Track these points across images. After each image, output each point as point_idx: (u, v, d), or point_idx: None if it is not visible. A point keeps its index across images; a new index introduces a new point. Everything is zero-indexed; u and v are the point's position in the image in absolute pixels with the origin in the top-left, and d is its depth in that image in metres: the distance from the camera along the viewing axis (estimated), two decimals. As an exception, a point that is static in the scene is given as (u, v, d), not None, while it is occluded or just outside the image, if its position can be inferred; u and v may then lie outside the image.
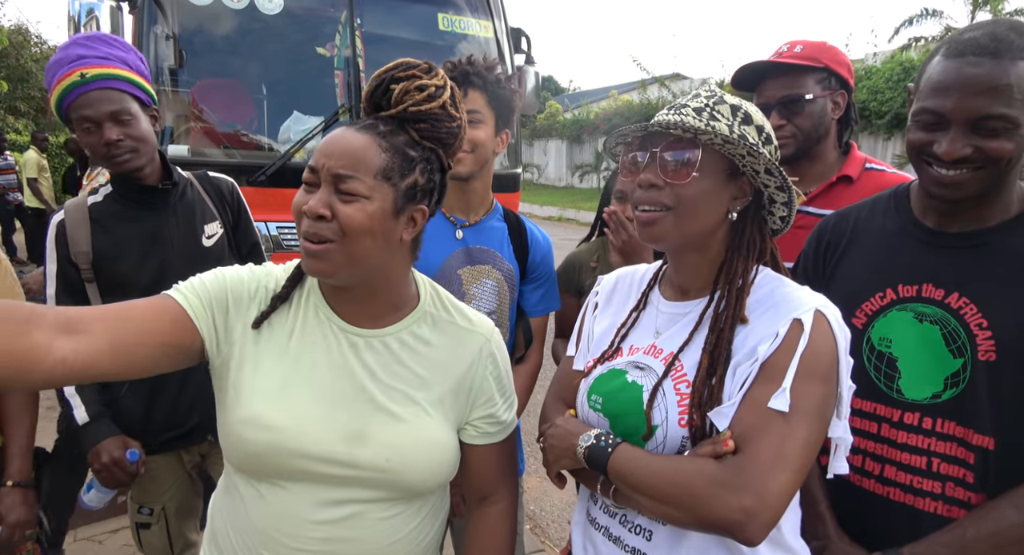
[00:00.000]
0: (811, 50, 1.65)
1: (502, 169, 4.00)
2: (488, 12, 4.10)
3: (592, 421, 1.08)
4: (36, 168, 8.39)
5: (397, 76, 0.99)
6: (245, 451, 0.98)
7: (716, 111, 1.01)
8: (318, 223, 0.94)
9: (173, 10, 3.26)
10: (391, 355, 1.05)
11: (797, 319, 0.93)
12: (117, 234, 1.68)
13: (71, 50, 1.59)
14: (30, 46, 14.24)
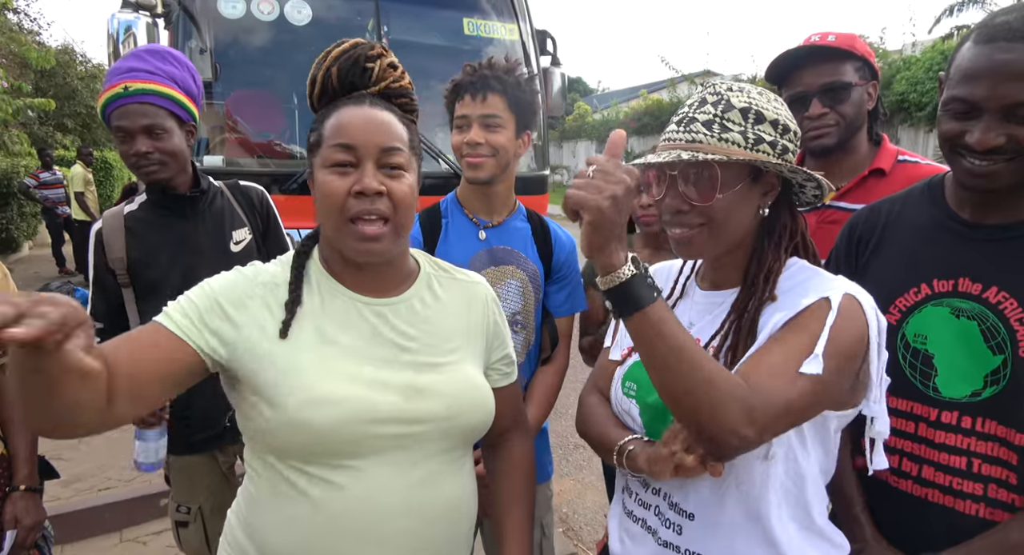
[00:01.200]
0: (844, 40, 1.60)
1: (529, 171, 4.00)
2: (513, 15, 4.11)
3: (625, 407, 1.10)
4: (83, 182, 8.71)
5: (369, 54, 1.02)
6: (314, 433, 0.93)
7: (726, 120, 0.98)
8: (376, 200, 0.94)
9: (207, 24, 3.36)
10: (416, 316, 1.07)
11: (824, 297, 0.91)
12: (149, 241, 1.75)
13: (127, 62, 1.70)
14: (76, 65, 14.80)
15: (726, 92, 1.00)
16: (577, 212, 0.86)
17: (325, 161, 0.97)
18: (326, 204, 0.97)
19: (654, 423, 1.05)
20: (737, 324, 1.00)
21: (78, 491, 3.21)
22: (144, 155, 1.68)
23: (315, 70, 1.04)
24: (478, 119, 1.54)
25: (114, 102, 1.67)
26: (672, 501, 1.04)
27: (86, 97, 14.59)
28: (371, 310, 1.04)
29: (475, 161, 1.55)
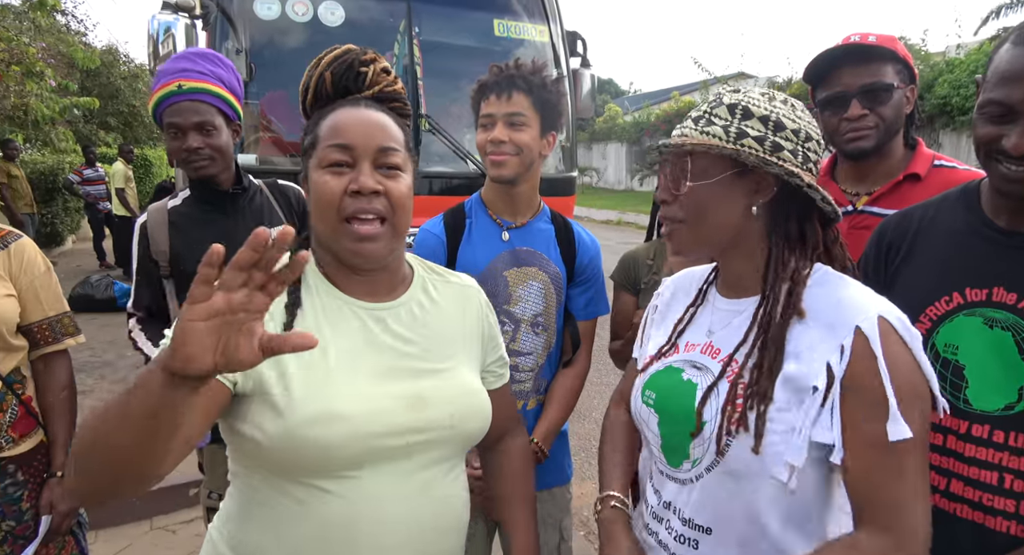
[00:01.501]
0: (885, 41, 1.56)
1: (557, 173, 4.00)
2: (544, 16, 4.11)
3: (643, 416, 1.09)
4: (123, 178, 8.96)
5: (363, 59, 1.03)
6: (317, 450, 0.90)
7: (713, 115, 0.99)
8: (373, 200, 0.93)
9: (243, 26, 3.43)
10: (415, 320, 1.06)
11: (859, 328, 0.89)
12: (190, 235, 1.80)
13: (179, 62, 1.77)
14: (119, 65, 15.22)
15: (727, 93, 1.02)
16: None
17: (321, 161, 0.96)
18: (322, 203, 0.95)
19: (672, 435, 1.03)
20: (763, 341, 0.96)
21: (111, 478, 3.31)
22: (195, 150, 1.74)
23: (308, 76, 1.04)
24: (503, 118, 1.55)
25: (167, 100, 1.74)
26: (685, 516, 1.02)
27: (128, 96, 15.00)
28: (371, 315, 1.02)
29: (499, 159, 1.56)
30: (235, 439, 0.97)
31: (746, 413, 0.93)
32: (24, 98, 7.49)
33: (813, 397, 0.90)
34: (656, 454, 1.07)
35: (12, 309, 1.60)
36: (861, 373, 0.88)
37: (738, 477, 0.95)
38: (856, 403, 0.89)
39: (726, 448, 0.94)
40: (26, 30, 8.38)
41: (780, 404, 0.92)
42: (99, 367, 5.11)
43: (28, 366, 1.70)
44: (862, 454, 0.88)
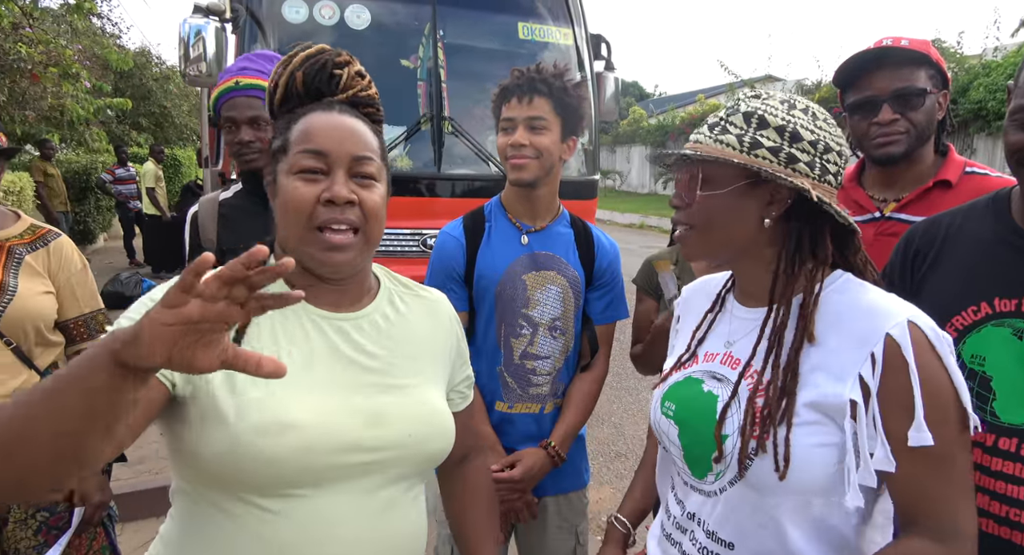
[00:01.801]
0: (918, 45, 1.53)
1: (579, 176, 3.99)
2: (568, 20, 4.11)
3: (663, 427, 1.07)
4: (154, 178, 9.16)
5: (337, 61, 0.99)
6: (263, 462, 0.83)
7: (729, 123, 0.98)
8: (347, 210, 0.90)
9: (271, 29, 3.49)
10: (379, 332, 1.00)
11: (890, 335, 0.87)
12: (238, 227, 1.84)
13: (239, 62, 1.86)
14: (151, 67, 15.56)
15: (746, 99, 0.99)
16: None
17: (292, 167, 0.92)
18: (292, 211, 0.91)
19: (693, 445, 1.02)
20: (776, 359, 0.94)
21: (138, 473, 3.37)
22: (247, 143, 1.79)
23: (276, 74, 1.00)
24: (523, 121, 1.55)
25: (226, 95, 1.81)
26: (709, 529, 1.01)
27: (159, 97, 15.33)
28: (331, 325, 0.96)
29: (519, 162, 1.56)
30: (174, 447, 0.90)
31: (765, 434, 0.91)
32: (60, 99, 7.70)
33: (856, 411, 0.88)
34: (680, 465, 1.06)
35: (51, 306, 1.65)
36: (894, 382, 0.87)
37: (763, 492, 0.93)
38: (892, 412, 0.87)
39: (749, 462, 0.93)
40: (63, 33, 8.61)
41: (806, 419, 0.90)
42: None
43: (65, 361, 1.74)
44: (908, 463, 0.86)
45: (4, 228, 1.65)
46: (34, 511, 1.66)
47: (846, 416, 0.88)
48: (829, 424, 0.89)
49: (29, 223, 1.70)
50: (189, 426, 0.86)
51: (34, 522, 1.66)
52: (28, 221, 1.71)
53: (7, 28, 6.59)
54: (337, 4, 3.61)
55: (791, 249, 0.98)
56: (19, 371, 1.60)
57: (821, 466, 0.89)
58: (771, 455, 0.89)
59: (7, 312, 1.56)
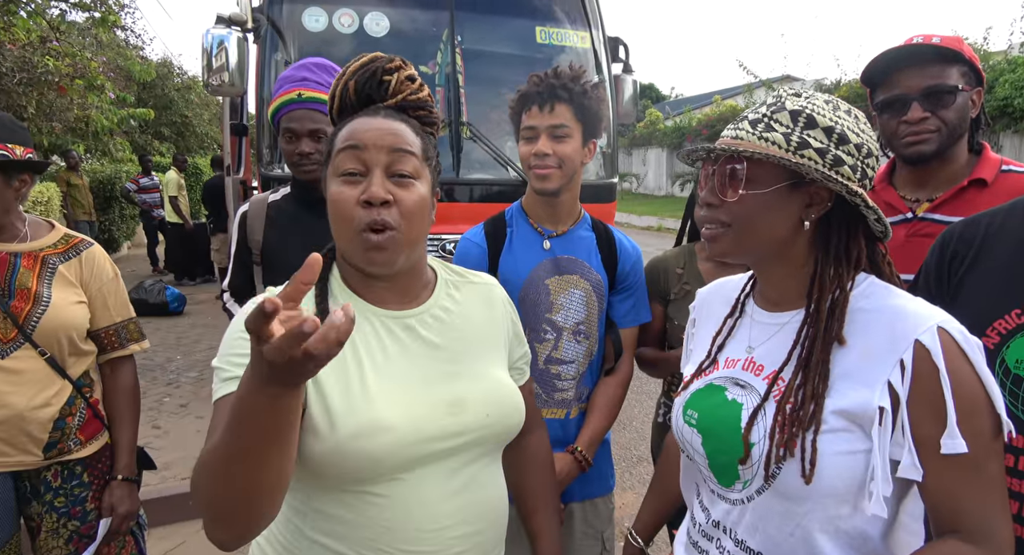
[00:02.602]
0: (950, 42, 1.50)
1: (597, 179, 3.97)
2: (586, 23, 4.10)
3: (686, 436, 1.06)
4: (176, 187, 9.29)
5: (387, 67, 1.02)
6: (363, 460, 0.91)
7: (774, 120, 0.94)
8: (384, 210, 0.93)
9: (292, 38, 3.53)
10: (442, 325, 1.06)
11: (919, 342, 0.85)
12: (283, 230, 1.88)
13: (300, 72, 1.86)
14: (173, 77, 15.84)
15: (789, 96, 0.97)
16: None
17: (336, 170, 0.97)
18: (336, 215, 0.96)
19: (719, 455, 1.00)
20: (808, 362, 0.93)
21: (164, 478, 3.41)
22: (307, 155, 1.82)
23: (334, 85, 1.05)
24: (546, 130, 1.54)
25: (287, 106, 1.83)
26: (738, 538, 0.99)
27: (181, 107, 15.60)
28: (398, 323, 1.02)
29: (544, 172, 1.55)
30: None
31: (792, 439, 0.89)
32: (86, 110, 7.86)
33: (883, 418, 0.87)
34: (705, 473, 1.04)
35: (83, 316, 1.67)
36: (925, 389, 0.85)
37: (791, 500, 0.91)
38: (923, 419, 0.85)
39: (777, 470, 0.91)
40: (88, 45, 8.80)
41: (834, 426, 0.89)
42: (151, 370, 5.29)
43: (96, 370, 1.76)
44: (941, 470, 0.85)
45: (38, 238, 1.67)
46: (66, 520, 1.68)
47: (875, 424, 0.86)
48: (856, 431, 0.88)
49: (63, 233, 1.73)
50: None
51: (66, 531, 1.68)
52: (62, 231, 1.73)
53: (35, 42, 6.75)
54: (356, 12, 3.64)
55: (829, 251, 0.96)
56: (53, 381, 1.62)
57: (848, 473, 0.87)
58: (798, 459, 0.88)
59: (41, 322, 1.58)
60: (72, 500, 1.68)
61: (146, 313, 6.83)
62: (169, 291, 7.27)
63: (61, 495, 1.67)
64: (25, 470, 1.63)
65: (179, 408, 4.53)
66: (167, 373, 5.29)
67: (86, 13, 8.01)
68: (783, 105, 0.96)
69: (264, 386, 0.68)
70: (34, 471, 1.65)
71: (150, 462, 1.88)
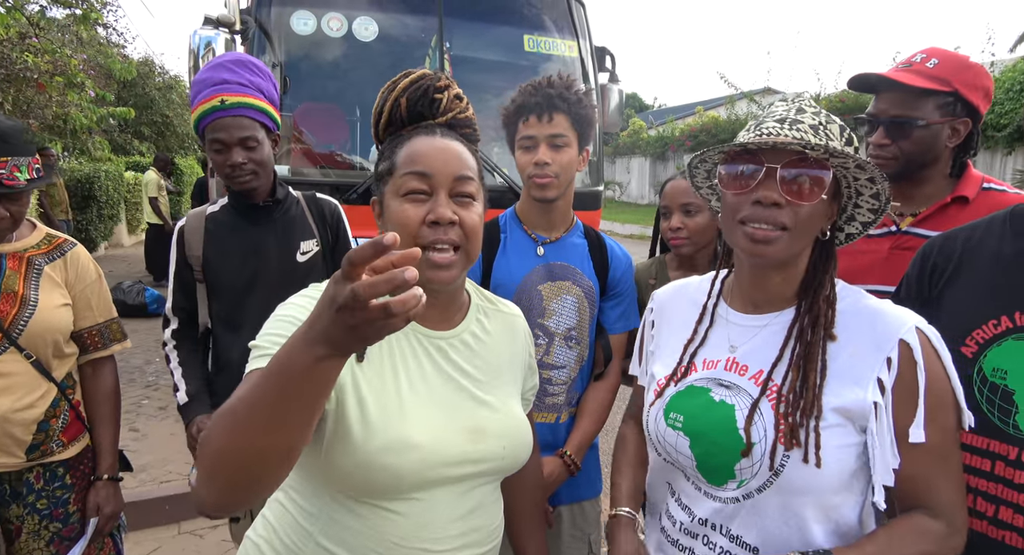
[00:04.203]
0: (944, 68, 1.51)
1: (583, 187, 4.01)
2: (573, 32, 4.14)
3: (670, 440, 1.07)
4: (156, 188, 9.16)
5: (438, 85, 1.04)
6: (389, 476, 0.92)
7: (829, 131, 0.98)
8: (449, 230, 0.96)
9: (280, 40, 3.52)
10: (470, 350, 1.08)
11: (903, 341, 0.94)
12: (223, 243, 1.83)
13: (218, 73, 1.75)
14: (154, 76, 15.63)
15: (820, 107, 1.01)
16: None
17: (399, 189, 0.98)
18: (401, 232, 0.96)
19: (711, 456, 1.02)
20: (804, 360, 0.97)
21: (142, 482, 3.36)
22: (239, 166, 1.75)
23: (382, 100, 1.05)
24: (545, 139, 1.56)
25: (211, 115, 1.73)
26: (732, 534, 1.02)
27: (162, 106, 15.39)
28: (432, 344, 1.04)
29: (544, 181, 1.57)
30: (310, 461, 0.97)
31: (796, 429, 0.93)
32: (65, 108, 7.73)
33: (879, 414, 0.94)
34: (692, 474, 1.06)
35: (68, 318, 1.65)
36: (906, 384, 0.94)
37: (793, 493, 0.95)
38: (903, 412, 0.94)
39: (781, 466, 0.95)
40: (68, 42, 8.65)
41: (831, 421, 0.95)
42: (129, 372, 5.21)
43: (77, 371, 1.74)
44: (914, 457, 0.94)
45: (22, 238, 1.65)
46: (48, 522, 1.66)
47: (871, 419, 0.93)
48: (848, 426, 0.95)
49: (45, 232, 1.70)
50: (323, 438, 0.94)
51: (47, 533, 1.66)
52: (44, 230, 1.70)
53: (14, 38, 6.63)
54: (345, 16, 3.64)
55: (820, 255, 1.04)
56: (38, 383, 1.60)
57: (844, 465, 0.94)
58: (803, 449, 0.93)
59: (29, 326, 1.56)
60: (54, 502, 1.66)
61: (125, 315, 6.65)
62: (148, 292, 7.16)
63: (43, 497, 1.65)
64: (6, 472, 1.61)
65: (157, 411, 4.47)
66: (146, 375, 5.22)
67: (67, 10, 7.89)
68: (831, 117, 1.00)
69: (313, 345, 0.66)
70: (15, 473, 1.63)
71: (127, 464, 1.86)
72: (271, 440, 0.71)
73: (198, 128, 1.80)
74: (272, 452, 0.72)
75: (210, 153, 1.78)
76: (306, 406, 0.70)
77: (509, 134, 1.65)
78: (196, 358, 1.87)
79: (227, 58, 1.80)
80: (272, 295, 1.13)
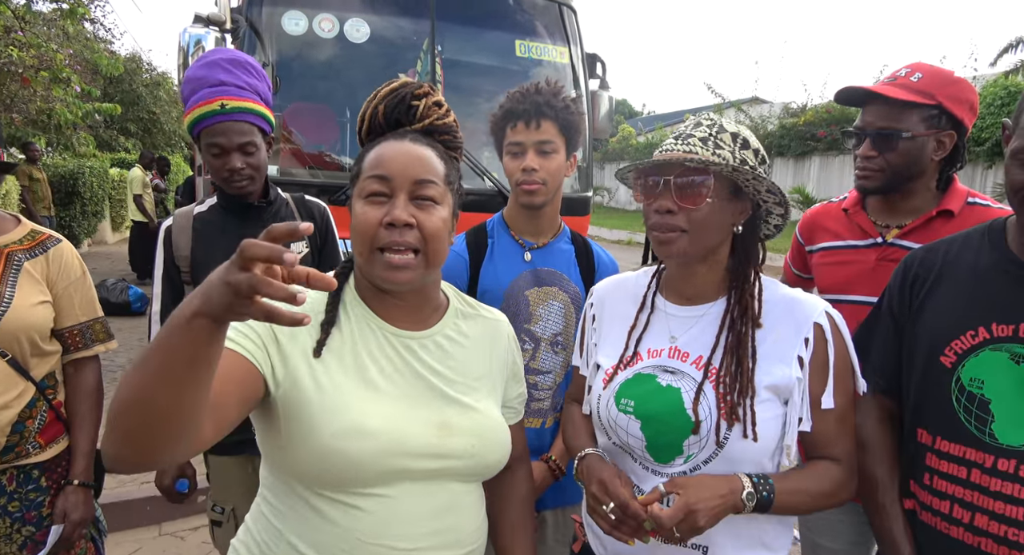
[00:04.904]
0: (929, 82, 1.54)
1: (572, 192, 4.03)
2: (564, 38, 4.17)
3: (621, 423, 1.15)
4: (141, 185, 9.08)
5: (416, 93, 1.06)
6: (344, 462, 0.94)
7: (719, 140, 1.10)
8: (405, 232, 0.97)
9: (271, 40, 3.50)
10: (443, 351, 1.10)
11: (817, 323, 1.11)
12: (211, 243, 1.80)
13: (215, 73, 1.72)
14: (142, 73, 15.50)
15: (719, 120, 1.15)
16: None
17: (361, 191, 1.01)
18: (358, 233, 0.99)
19: (659, 435, 1.12)
20: (737, 347, 1.11)
21: (122, 482, 3.32)
22: (238, 171, 1.73)
23: (364, 108, 1.08)
24: (533, 145, 1.57)
25: (210, 118, 1.71)
26: None
27: (149, 103, 15.26)
28: (401, 343, 1.06)
29: (532, 188, 1.58)
30: (274, 451, 1.01)
31: (735, 408, 1.07)
32: (49, 103, 7.64)
33: (800, 387, 1.10)
34: (640, 454, 1.15)
35: (46, 316, 1.60)
36: (819, 359, 1.11)
37: (734, 462, 1.08)
38: (816, 383, 1.11)
39: (725, 439, 1.08)
40: (54, 37, 8.56)
41: (763, 397, 1.09)
42: (112, 371, 5.14)
43: (60, 371, 1.69)
44: (822, 420, 1.12)
45: (4, 233, 1.60)
46: (20, 525, 1.60)
47: (794, 392, 1.10)
48: (775, 400, 1.10)
49: (29, 228, 1.65)
50: (279, 424, 0.97)
51: (19, 536, 1.61)
52: (28, 226, 1.66)
53: (-1, 31, 6.55)
54: (337, 17, 3.63)
55: (744, 251, 1.16)
56: (15, 382, 1.55)
57: (773, 433, 1.10)
58: (742, 424, 1.07)
59: (1, 323, 1.50)
60: (27, 505, 1.61)
61: (108, 313, 6.56)
62: (132, 290, 7.07)
63: (16, 500, 1.60)
64: None
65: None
66: (127, 375, 5.15)
67: (53, 4, 7.81)
68: (722, 127, 1.12)
69: (192, 300, 0.69)
70: None
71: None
72: (157, 392, 0.71)
73: (193, 130, 1.77)
74: (158, 406, 0.72)
75: (207, 156, 1.75)
76: (182, 361, 0.70)
77: (497, 140, 1.65)
78: None
79: (222, 56, 1.76)
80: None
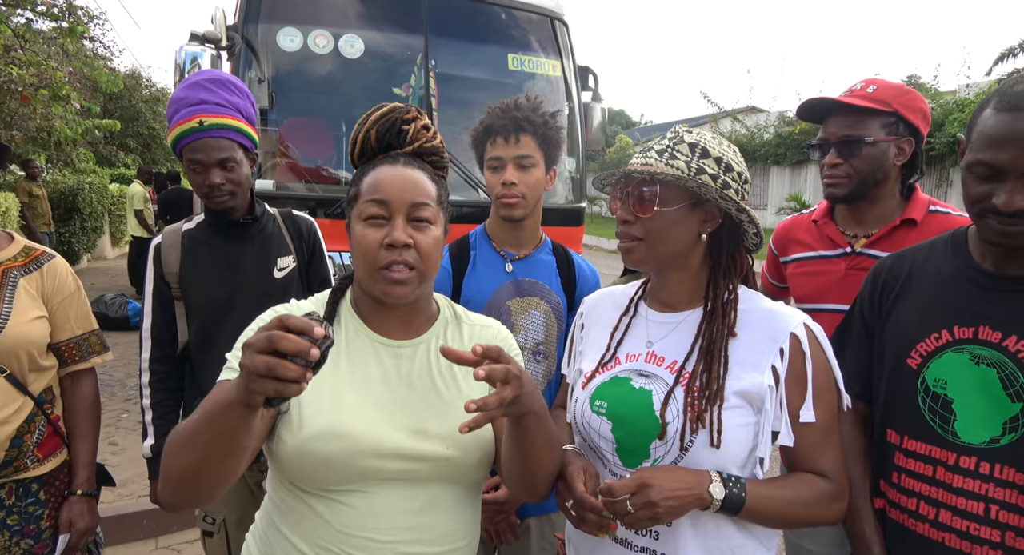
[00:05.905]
0: (884, 93, 1.62)
1: (567, 203, 4.08)
2: (557, 51, 4.23)
3: (593, 425, 1.17)
4: (142, 199, 9.14)
5: (405, 118, 1.13)
6: (318, 461, 1.02)
7: (676, 150, 1.13)
8: (404, 252, 1.04)
9: (266, 56, 3.56)
10: (430, 360, 1.14)
11: (793, 334, 1.10)
12: (200, 260, 1.83)
13: (196, 92, 1.77)
14: (141, 89, 15.63)
15: (684, 132, 1.17)
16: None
17: (361, 214, 1.08)
18: (361, 253, 1.07)
19: (629, 438, 1.12)
20: (709, 351, 1.11)
21: (120, 496, 3.34)
22: (218, 186, 1.77)
23: (356, 131, 1.14)
24: (512, 160, 1.62)
25: (189, 136, 1.75)
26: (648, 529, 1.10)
27: (148, 119, 15.38)
28: (388, 352, 1.12)
29: (511, 201, 1.63)
30: (266, 446, 1.09)
31: (702, 414, 1.06)
32: (49, 120, 7.72)
33: (772, 396, 1.08)
34: (609, 458, 1.16)
35: (43, 331, 1.63)
36: (796, 371, 1.09)
37: (700, 467, 1.06)
38: (794, 395, 1.09)
39: (689, 445, 1.06)
40: (54, 54, 8.66)
41: (733, 404, 1.07)
42: (109, 385, 5.17)
43: (57, 384, 1.71)
44: (805, 434, 1.09)
45: None
46: (18, 538, 1.63)
47: (765, 400, 1.07)
48: (747, 408, 1.08)
49: (23, 244, 1.68)
50: (274, 431, 1.06)
51: (18, 550, 1.63)
52: (22, 242, 1.69)
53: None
54: (331, 33, 3.70)
55: (720, 261, 1.17)
56: (13, 397, 1.57)
57: (743, 441, 1.07)
58: (707, 431, 1.05)
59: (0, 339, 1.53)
60: (26, 518, 1.63)
61: (106, 328, 6.54)
62: (130, 305, 7.11)
63: (14, 513, 1.62)
64: None
65: (137, 425, 4.42)
66: (126, 389, 5.18)
67: (53, 22, 7.91)
68: (682, 138, 1.14)
69: (234, 404, 0.81)
70: None
71: (109, 478, 1.84)
72: (199, 462, 0.89)
73: (175, 147, 1.81)
74: (200, 472, 0.90)
75: (188, 173, 1.80)
76: (225, 444, 0.87)
77: (478, 154, 1.70)
78: (171, 401, 1.86)
79: (204, 77, 1.81)
80: (250, 311, 1.17)
